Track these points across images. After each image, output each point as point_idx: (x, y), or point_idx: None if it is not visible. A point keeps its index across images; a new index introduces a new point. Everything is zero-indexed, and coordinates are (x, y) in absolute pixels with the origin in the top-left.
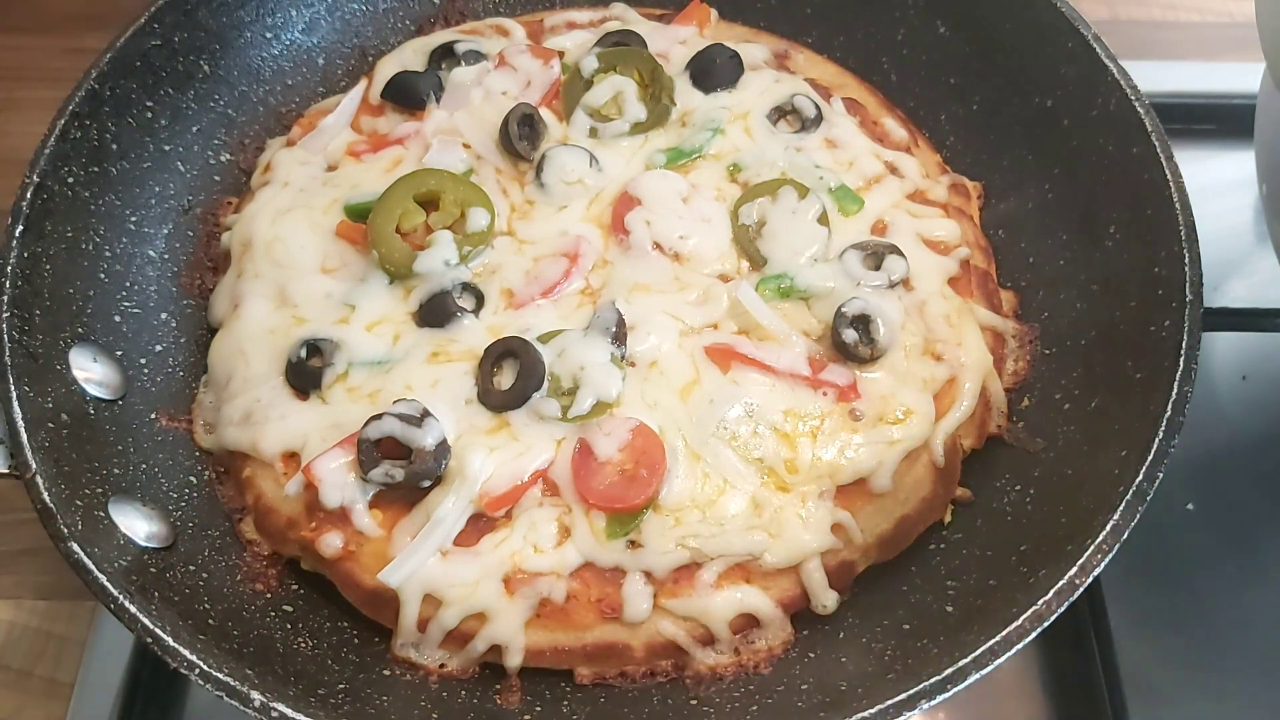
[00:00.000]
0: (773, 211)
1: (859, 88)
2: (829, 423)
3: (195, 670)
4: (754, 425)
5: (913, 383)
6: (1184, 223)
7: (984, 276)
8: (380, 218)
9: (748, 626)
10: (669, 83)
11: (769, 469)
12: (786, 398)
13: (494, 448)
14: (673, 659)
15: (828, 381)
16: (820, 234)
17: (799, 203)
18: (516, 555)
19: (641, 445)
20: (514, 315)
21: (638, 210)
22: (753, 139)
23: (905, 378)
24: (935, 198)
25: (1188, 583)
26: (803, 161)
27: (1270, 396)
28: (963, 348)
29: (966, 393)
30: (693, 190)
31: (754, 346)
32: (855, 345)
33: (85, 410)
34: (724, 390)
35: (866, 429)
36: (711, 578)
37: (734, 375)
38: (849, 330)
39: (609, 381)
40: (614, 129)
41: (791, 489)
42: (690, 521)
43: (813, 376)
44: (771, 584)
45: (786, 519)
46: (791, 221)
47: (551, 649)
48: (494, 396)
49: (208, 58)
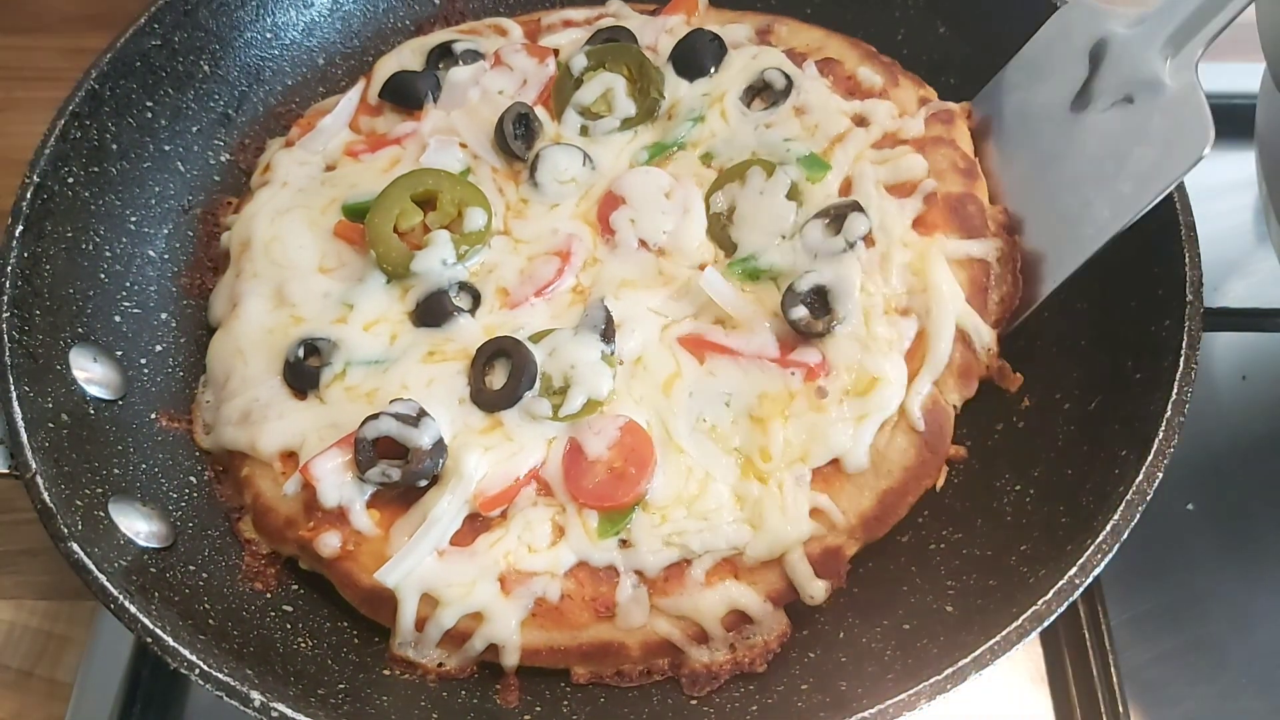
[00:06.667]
0: (741, 195)
1: (841, 44)
2: (798, 404)
3: (195, 670)
4: (731, 414)
5: (879, 347)
6: (1184, 223)
7: (961, 200)
8: (378, 217)
9: (741, 623)
10: (657, 76)
11: (746, 458)
12: (759, 382)
13: (489, 447)
14: (669, 657)
15: (796, 361)
16: (788, 209)
17: (766, 182)
18: (511, 555)
19: (630, 442)
20: (509, 314)
21: (622, 209)
22: (727, 123)
23: (870, 343)
24: (910, 135)
25: (1188, 583)
26: (772, 138)
27: (1270, 396)
28: (929, 293)
29: (938, 344)
30: (675, 183)
31: (724, 334)
32: (806, 321)
33: (85, 410)
34: (702, 382)
35: (834, 406)
36: (700, 575)
37: (710, 366)
38: (798, 307)
39: (600, 379)
40: (604, 126)
41: (768, 478)
42: (677, 518)
43: (781, 358)
44: (758, 579)
45: (766, 510)
46: (759, 202)
47: (547, 648)
48: (486, 396)
49: (208, 58)
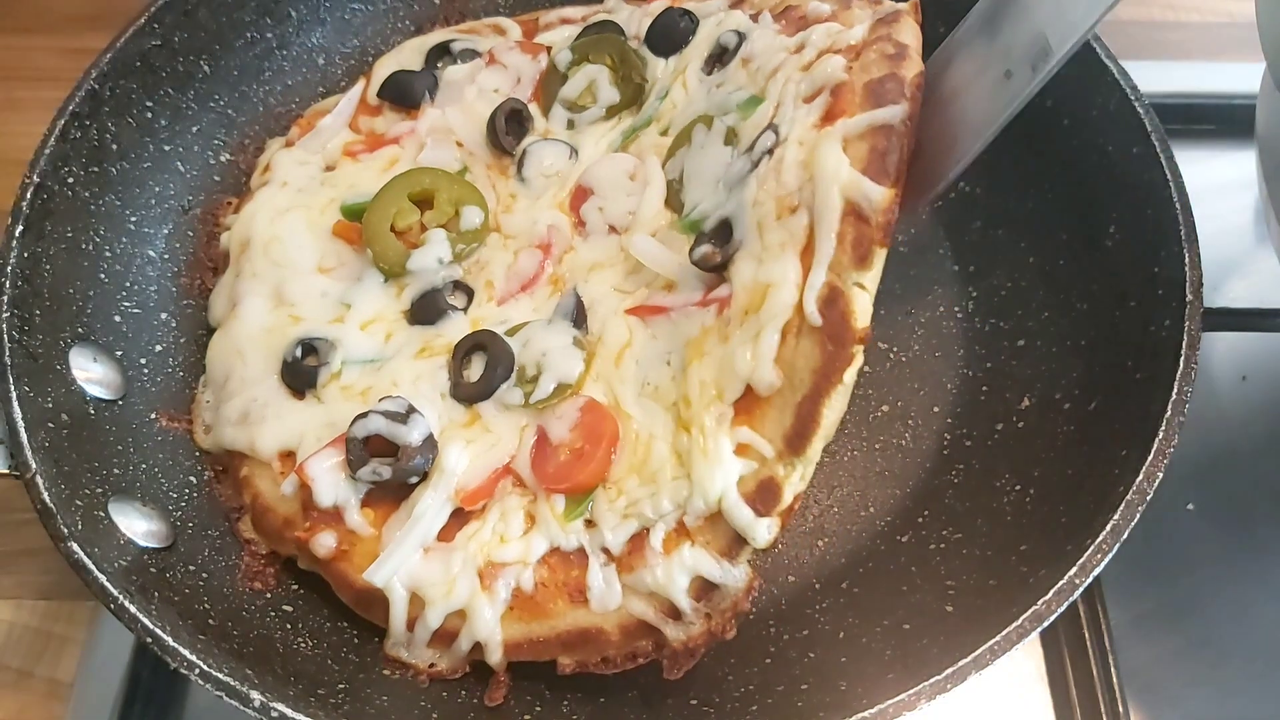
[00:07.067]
0: (688, 156)
1: None
2: (710, 340)
3: (195, 670)
4: (671, 373)
5: (771, 254)
6: (1184, 223)
7: (880, 82)
8: (375, 216)
9: (709, 591)
10: (639, 61)
11: (675, 410)
12: (686, 331)
13: (470, 440)
14: (649, 638)
15: (715, 298)
16: (726, 154)
17: (707, 135)
18: (486, 546)
19: (590, 421)
20: (496, 310)
21: (591, 200)
22: (687, 93)
23: (763, 255)
24: (845, 44)
25: (1188, 583)
26: (721, 95)
27: (1270, 396)
28: (814, 179)
29: (824, 225)
30: (638, 163)
31: (663, 295)
32: (706, 255)
33: (85, 410)
34: (646, 347)
35: (735, 330)
36: (658, 544)
37: (652, 329)
38: (701, 246)
39: (570, 364)
40: (589, 116)
41: (691, 424)
42: (630, 489)
43: (703, 298)
44: (708, 536)
45: (695, 459)
46: (702, 156)
47: (528, 641)
48: (464, 389)
49: (208, 58)
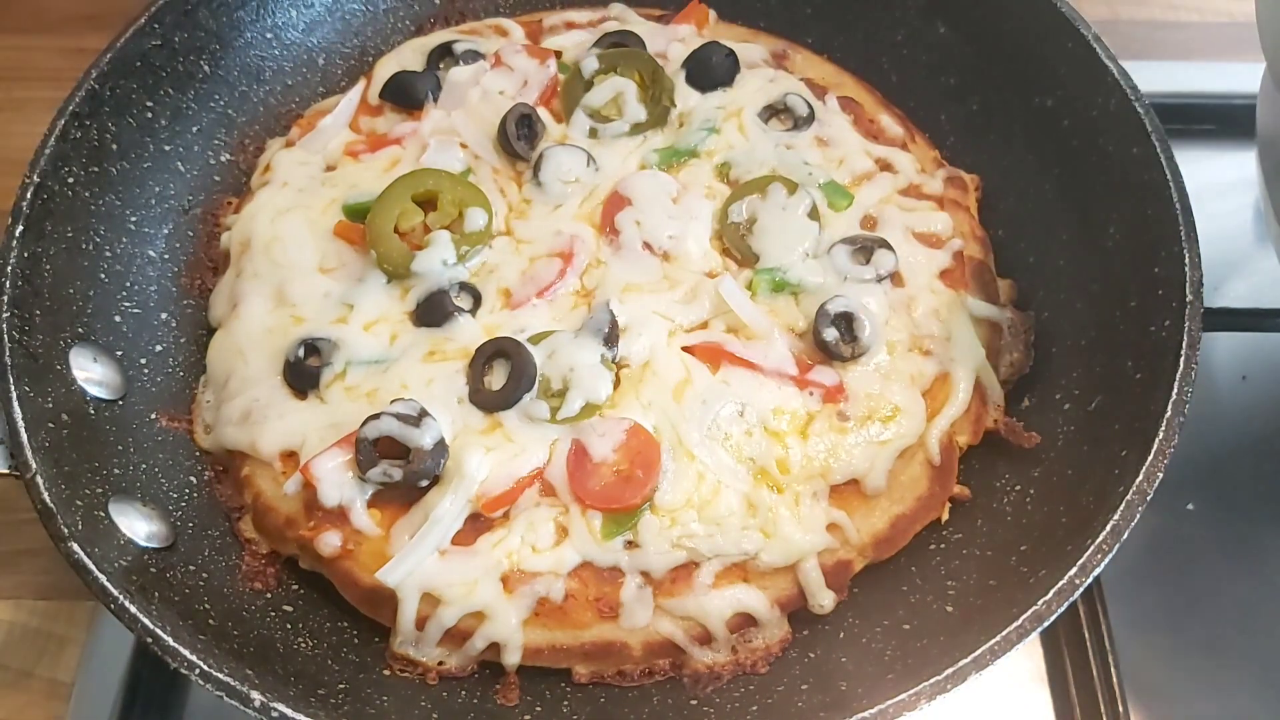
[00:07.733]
0: (763, 208)
1: (856, 86)
2: (818, 423)
3: (195, 670)
4: (745, 425)
5: (899, 380)
6: (1184, 223)
7: (980, 267)
8: (378, 217)
9: (745, 625)
10: (669, 84)
11: (761, 469)
12: (775, 396)
13: (490, 447)
14: (670, 658)
15: (814, 382)
16: (811, 229)
17: (788, 199)
18: (514, 555)
19: (636, 445)
20: (510, 315)
21: (628, 210)
22: (745, 137)
23: (891, 375)
24: (930, 192)
25: (1188, 583)
26: (792, 159)
27: (1270, 396)
28: (953, 342)
29: (959, 388)
30: (683, 190)
31: (741, 345)
32: (836, 343)
33: (85, 410)
34: (715, 390)
35: (855, 429)
36: (709, 578)
37: (723, 375)
38: (830, 329)
39: (598, 384)
40: (614, 129)
41: (785, 489)
42: (686, 521)
43: (800, 376)
44: (769, 584)
45: (781, 519)
46: (782, 217)
47: (549, 647)
48: (484, 396)
49: (208, 58)
